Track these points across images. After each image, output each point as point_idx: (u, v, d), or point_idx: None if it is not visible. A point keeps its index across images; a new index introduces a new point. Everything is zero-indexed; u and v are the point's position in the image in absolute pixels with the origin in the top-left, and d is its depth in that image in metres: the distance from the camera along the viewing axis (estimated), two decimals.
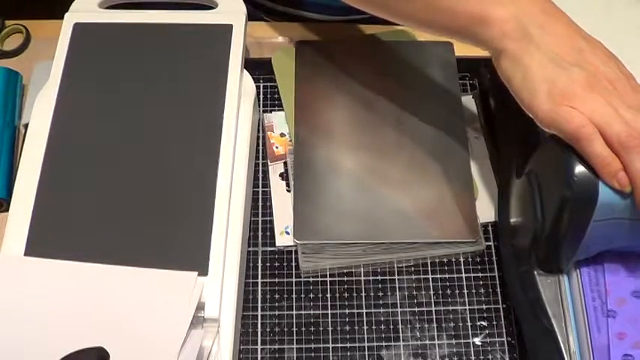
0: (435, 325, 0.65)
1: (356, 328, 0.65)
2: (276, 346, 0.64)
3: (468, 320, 0.65)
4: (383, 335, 0.65)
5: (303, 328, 0.65)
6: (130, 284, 0.58)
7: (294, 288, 0.66)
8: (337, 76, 0.75)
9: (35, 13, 0.80)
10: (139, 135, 0.65)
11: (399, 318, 0.65)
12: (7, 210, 0.65)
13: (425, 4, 0.62)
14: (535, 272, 0.61)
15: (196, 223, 0.61)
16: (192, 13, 0.71)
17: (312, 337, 0.64)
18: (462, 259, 0.68)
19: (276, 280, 0.67)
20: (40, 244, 0.60)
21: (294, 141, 0.72)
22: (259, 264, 0.68)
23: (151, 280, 0.58)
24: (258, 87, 0.74)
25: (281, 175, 0.72)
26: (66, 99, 0.66)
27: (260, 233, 0.69)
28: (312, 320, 0.65)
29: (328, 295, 0.66)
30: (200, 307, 0.57)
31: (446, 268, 0.68)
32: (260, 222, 0.69)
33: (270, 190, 0.71)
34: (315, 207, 0.68)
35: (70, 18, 0.70)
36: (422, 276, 0.67)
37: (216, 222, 0.61)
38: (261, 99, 0.76)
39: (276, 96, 0.76)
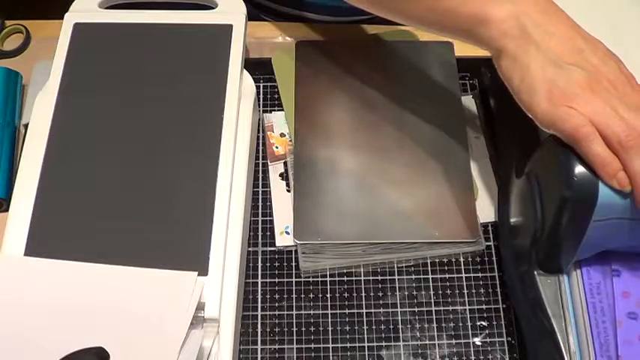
0: (435, 325, 0.65)
1: (356, 328, 0.65)
2: (276, 346, 0.64)
3: (468, 320, 0.65)
4: (383, 335, 0.65)
5: (303, 328, 0.65)
6: (130, 284, 0.58)
7: (294, 288, 0.66)
8: (337, 76, 0.75)
9: (35, 13, 0.80)
10: (138, 135, 0.65)
11: (399, 318, 0.65)
12: (7, 210, 0.65)
13: (426, 5, 0.62)
14: (535, 272, 0.61)
15: (196, 223, 0.61)
16: (192, 13, 0.71)
17: (312, 337, 0.64)
18: (462, 259, 0.68)
19: (276, 280, 0.67)
20: (40, 244, 0.60)
21: (294, 141, 0.72)
22: (259, 264, 0.68)
23: (151, 280, 0.58)
24: (258, 87, 0.74)
25: (281, 175, 0.72)
26: (66, 99, 0.66)
27: (260, 233, 0.69)
28: (312, 320, 0.65)
29: (328, 295, 0.66)
30: (200, 307, 0.57)
31: (446, 268, 0.68)
32: (260, 222, 0.69)
33: (270, 190, 0.71)
34: (315, 207, 0.68)
35: (70, 18, 0.70)
36: (422, 276, 0.67)
37: (216, 222, 0.61)
38: (261, 99, 0.76)
39: (276, 96, 0.76)
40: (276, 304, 0.66)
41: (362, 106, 0.73)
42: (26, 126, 0.69)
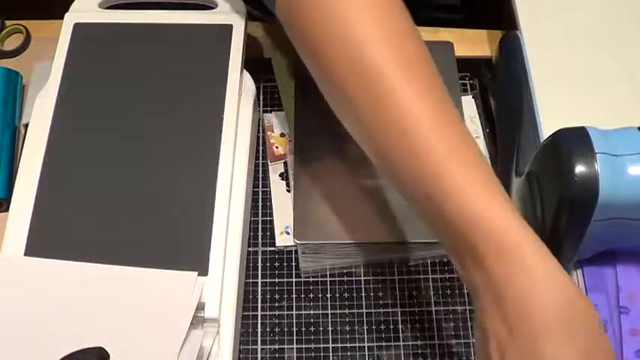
0: (435, 325, 0.65)
1: (356, 328, 0.65)
2: (276, 346, 0.64)
3: (468, 320, 0.65)
4: (383, 335, 0.65)
5: (303, 328, 0.65)
6: (130, 284, 0.58)
7: (294, 288, 0.66)
8: None
9: (35, 13, 0.80)
10: (138, 135, 0.65)
11: (399, 318, 0.65)
12: (7, 210, 0.65)
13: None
14: None
15: (196, 223, 0.61)
16: (192, 13, 0.71)
17: (312, 337, 0.64)
18: None
19: (276, 280, 0.67)
20: (39, 244, 0.60)
21: (294, 141, 0.72)
22: (259, 264, 0.68)
23: (151, 280, 0.58)
24: (258, 87, 0.74)
25: (281, 175, 0.72)
26: (66, 99, 0.66)
27: (260, 233, 0.69)
28: (312, 320, 0.65)
29: (328, 295, 0.66)
30: (200, 307, 0.57)
31: (446, 268, 0.68)
32: (260, 222, 0.69)
33: (270, 190, 0.71)
34: (315, 207, 0.68)
35: (70, 18, 0.70)
36: (422, 276, 0.67)
37: (216, 222, 0.61)
38: (261, 99, 0.76)
39: (276, 96, 0.76)
40: (276, 304, 0.66)
41: None
42: (26, 126, 0.69)
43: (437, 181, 0.48)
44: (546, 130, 0.63)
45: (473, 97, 0.76)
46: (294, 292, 0.66)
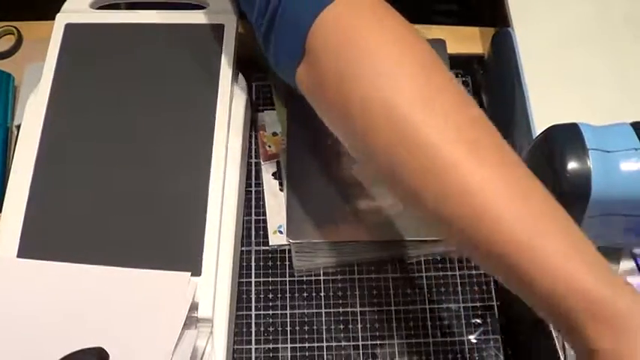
0: (429, 322, 0.65)
1: (350, 326, 0.65)
2: (271, 346, 0.64)
3: (463, 318, 0.65)
4: (377, 333, 0.64)
5: (297, 327, 0.65)
6: (124, 285, 0.58)
7: (287, 287, 0.66)
8: None
9: (26, 15, 0.80)
10: (131, 135, 0.65)
11: (393, 316, 0.65)
12: None
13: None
14: None
15: (189, 224, 0.61)
16: (184, 13, 0.71)
17: (307, 336, 0.64)
18: (456, 257, 0.68)
19: (270, 279, 0.67)
20: (32, 246, 0.60)
21: (286, 140, 0.72)
22: (253, 263, 0.67)
23: (144, 281, 0.58)
24: (250, 86, 0.74)
25: (274, 174, 0.71)
26: (58, 100, 0.66)
27: (253, 232, 0.69)
28: (306, 319, 0.65)
29: (322, 294, 0.66)
30: (193, 307, 0.57)
31: (440, 265, 0.67)
32: (253, 221, 0.69)
33: (263, 190, 0.71)
34: (307, 206, 0.68)
35: (62, 19, 0.70)
36: (416, 274, 0.67)
37: (209, 222, 0.61)
38: (254, 98, 0.75)
39: (269, 95, 0.76)
40: (270, 304, 0.66)
41: None
42: (18, 127, 0.68)
43: (532, 261, 0.46)
44: (538, 126, 0.63)
45: None
46: (287, 291, 0.66)
